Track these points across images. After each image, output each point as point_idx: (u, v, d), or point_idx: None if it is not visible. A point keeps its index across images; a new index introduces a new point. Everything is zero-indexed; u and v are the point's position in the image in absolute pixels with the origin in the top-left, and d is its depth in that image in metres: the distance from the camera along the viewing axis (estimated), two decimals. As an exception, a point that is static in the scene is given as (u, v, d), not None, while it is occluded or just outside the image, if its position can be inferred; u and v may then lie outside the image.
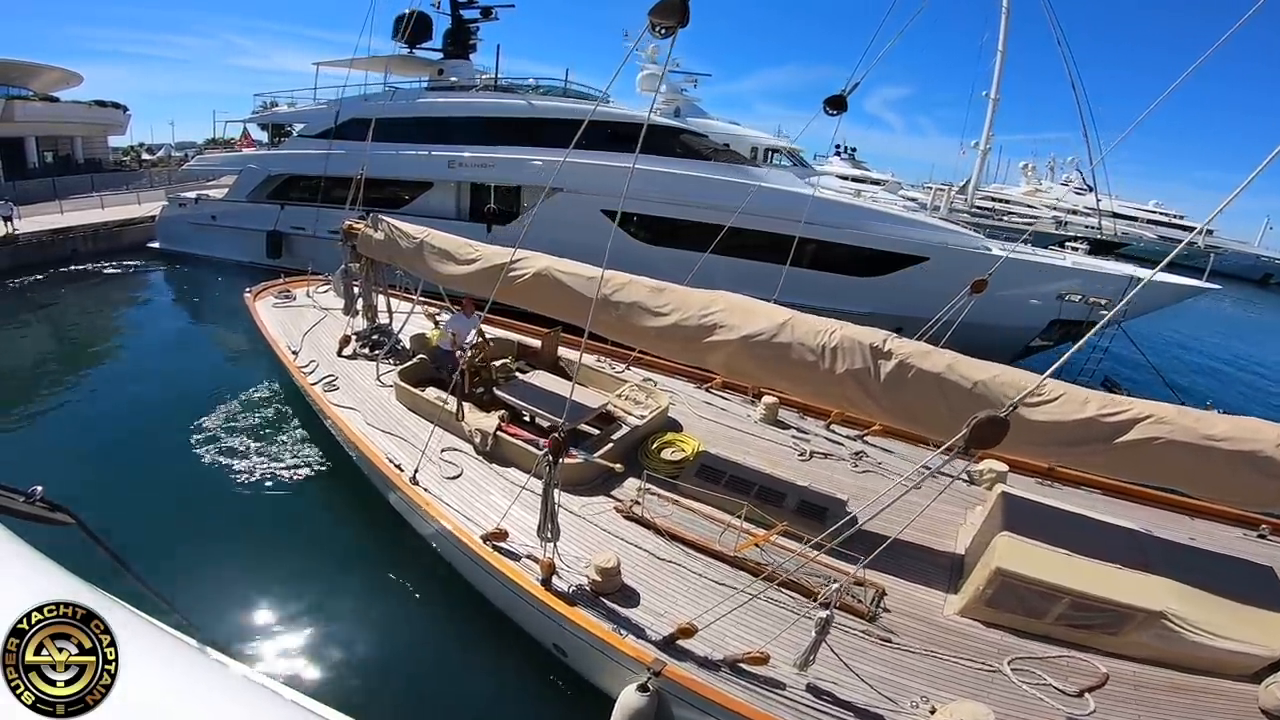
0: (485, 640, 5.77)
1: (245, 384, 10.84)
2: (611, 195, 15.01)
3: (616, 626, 4.42)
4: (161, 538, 6.68)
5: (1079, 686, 4.08)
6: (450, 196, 17.13)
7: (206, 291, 18.19)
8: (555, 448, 4.36)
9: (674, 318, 5.38)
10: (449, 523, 5.44)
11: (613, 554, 4.77)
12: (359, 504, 7.44)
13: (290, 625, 5.96)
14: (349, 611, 6.15)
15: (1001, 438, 3.42)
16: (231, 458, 8.49)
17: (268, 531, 7.31)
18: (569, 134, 6.26)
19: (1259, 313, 38.79)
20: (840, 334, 4.81)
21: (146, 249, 20.91)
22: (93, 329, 15.18)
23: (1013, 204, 42.89)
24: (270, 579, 6.49)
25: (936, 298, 7.99)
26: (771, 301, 5.54)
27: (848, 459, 6.88)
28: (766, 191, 14.39)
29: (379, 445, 6.57)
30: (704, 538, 5.33)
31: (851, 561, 4.42)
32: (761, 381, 6.17)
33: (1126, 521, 5.27)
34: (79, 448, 8.98)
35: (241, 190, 19.19)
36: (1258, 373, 20.81)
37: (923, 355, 4.58)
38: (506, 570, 4.89)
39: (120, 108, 34.58)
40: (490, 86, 17.82)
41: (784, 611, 4.52)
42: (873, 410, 4.90)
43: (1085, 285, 13.68)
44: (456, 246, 7.03)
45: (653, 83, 18.77)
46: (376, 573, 6.61)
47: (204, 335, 15.75)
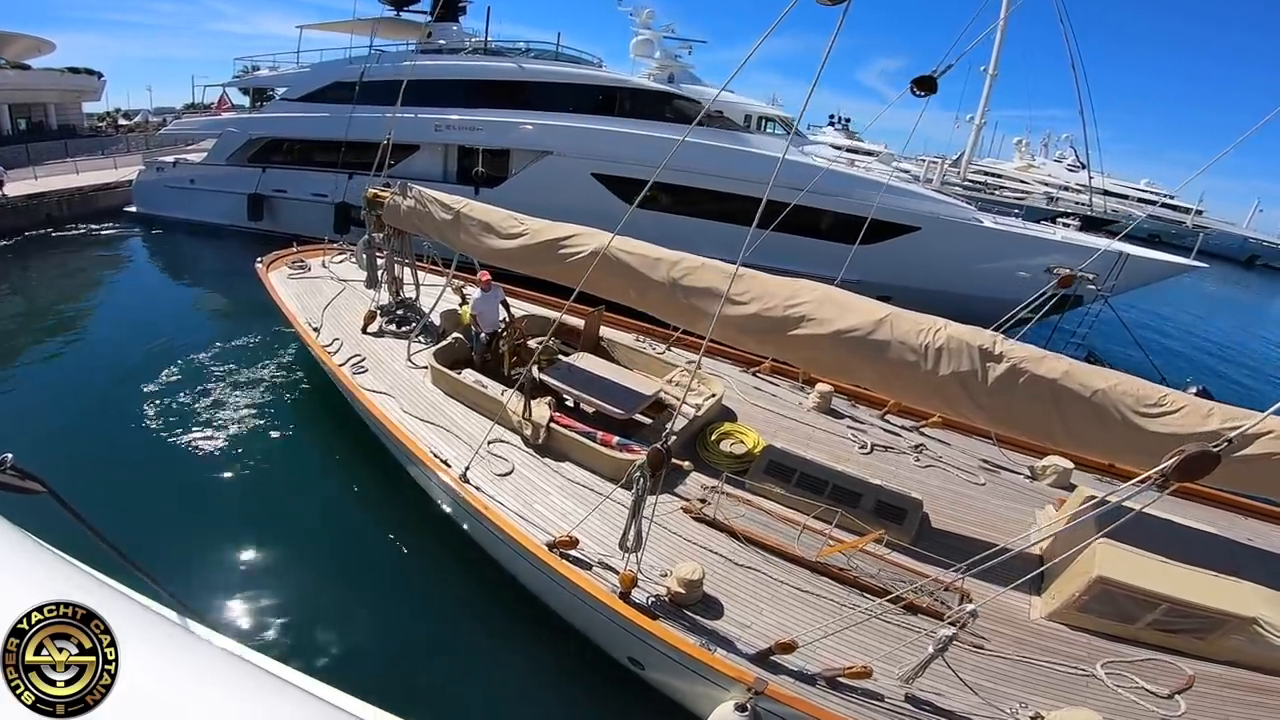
0: (546, 648, 5.45)
1: (235, 346, 10.73)
2: (601, 159, 14.95)
3: (705, 641, 4.17)
4: (146, 518, 6.44)
5: (1169, 688, 4.10)
6: (437, 159, 16.90)
7: (185, 254, 17.98)
8: (656, 461, 4.00)
9: (754, 307, 4.95)
10: (510, 529, 4.98)
11: (697, 565, 4.49)
12: (384, 486, 7.19)
13: (318, 629, 5.63)
14: (387, 611, 5.85)
15: (1210, 471, 3.19)
16: (223, 429, 8.33)
17: (273, 515, 7.01)
18: (559, 98, 6.01)
19: (1241, 293, 39.26)
20: (946, 333, 4.50)
21: (124, 213, 20.49)
22: (67, 293, 14.82)
23: (1005, 179, 42.85)
24: (289, 570, 6.20)
25: (927, 267, 7.95)
26: (756, 267, 5.30)
27: (908, 452, 6.65)
28: (756, 157, 14.32)
29: (421, 437, 6.06)
30: (782, 542, 5.07)
31: (925, 562, 4.42)
32: (849, 379, 5.80)
33: (1202, 524, 5.27)
34: (52, 415, 8.75)
35: (221, 153, 18.86)
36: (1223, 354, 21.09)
37: (1037, 360, 4.31)
38: (580, 582, 4.53)
39: (94, 74, 33.67)
40: (480, 50, 17.51)
41: (873, 619, 4.32)
42: (972, 414, 4.62)
43: (1074, 259, 13.75)
44: (500, 219, 6.49)
45: (646, 48, 18.40)
46: (418, 571, 6.35)
47: (184, 297, 15.49)
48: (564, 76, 15.94)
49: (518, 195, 13.50)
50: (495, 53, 17.36)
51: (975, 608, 3.83)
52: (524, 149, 15.77)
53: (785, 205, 9.43)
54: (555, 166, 15.40)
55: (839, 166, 15.62)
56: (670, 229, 14.28)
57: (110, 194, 21.34)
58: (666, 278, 5.12)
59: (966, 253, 13.89)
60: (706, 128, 15.07)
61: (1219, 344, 21.72)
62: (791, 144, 16.32)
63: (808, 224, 13.94)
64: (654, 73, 17.48)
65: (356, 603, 5.98)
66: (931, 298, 11.05)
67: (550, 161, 15.49)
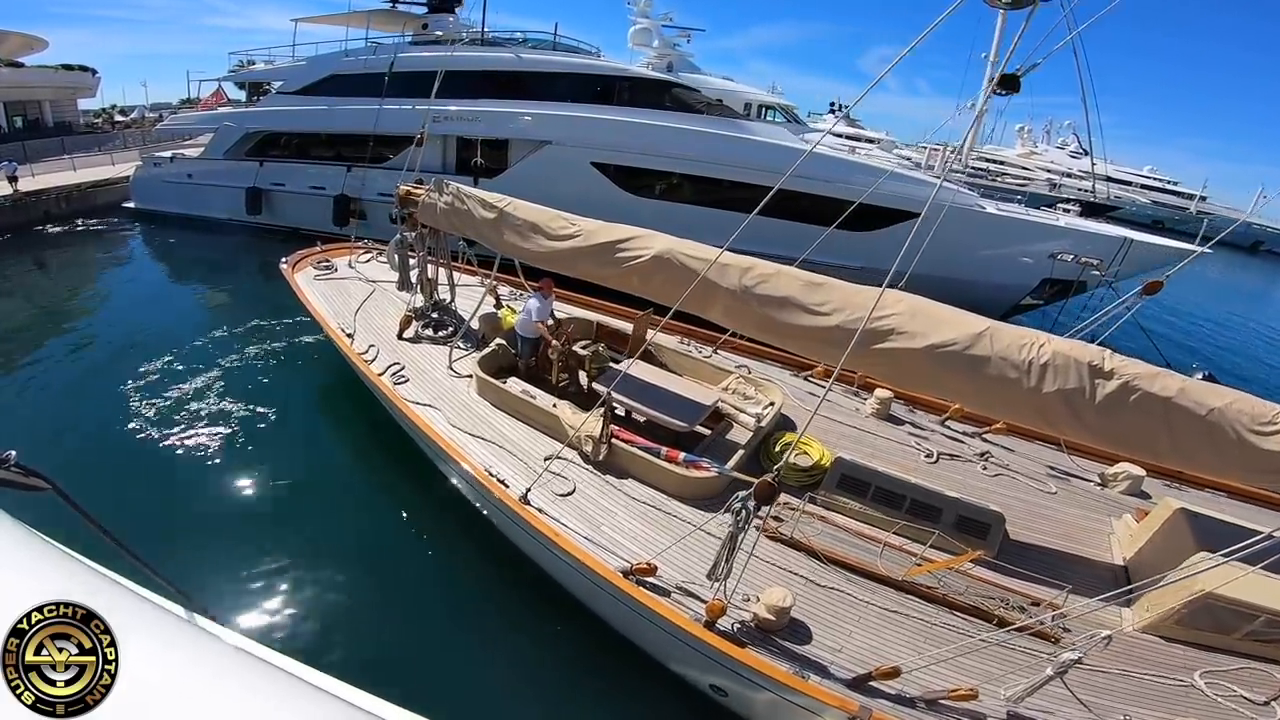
0: (621, 675, 5.25)
1: (236, 339, 10.71)
2: (601, 148, 14.91)
3: (798, 668, 4.05)
4: (153, 514, 6.42)
5: (1265, 695, 4.10)
6: (436, 151, 16.84)
7: (184, 248, 17.93)
8: (767, 494, 3.77)
9: (836, 319, 4.70)
10: (582, 556, 4.72)
11: (787, 591, 4.33)
12: (401, 478, 7.06)
13: (342, 629, 5.53)
14: (414, 613, 5.74)
15: None
16: (228, 422, 8.30)
17: (281, 510, 6.93)
18: (558, 88, 5.86)
19: (1246, 278, 39.11)
20: (1050, 348, 4.30)
21: (122, 209, 20.48)
22: (68, 290, 14.82)
23: (1008, 165, 42.59)
24: (302, 568, 6.06)
25: (929, 254, 7.84)
26: (758, 255, 5.20)
27: (974, 460, 6.46)
28: (756, 145, 14.24)
29: (473, 454, 5.78)
30: (865, 560, 4.92)
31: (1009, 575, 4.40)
32: (937, 393, 5.62)
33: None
34: (54, 412, 8.74)
35: (218, 148, 18.82)
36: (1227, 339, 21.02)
37: (1150, 378, 4.15)
38: (663, 611, 4.35)
39: (89, 70, 33.52)
40: (477, 41, 17.40)
41: (959, 634, 4.26)
42: (1074, 431, 4.48)
43: (1078, 245, 13.68)
44: (548, 219, 6.13)
45: (644, 37, 18.26)
46: (444, 570, 6.25)
47: (185, 292, 15.47)
48: (562, 66, 15.87)
49: (517, 186, 13.43)
50: (492, 43, 17.25)
51: (1110, 634, 3.74)
52: (523, 139, 15.71)
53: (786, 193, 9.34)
54: (555, 156, 15.34)
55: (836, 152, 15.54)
56: (670, 216, 14.34)
57: (109, 190, 21.32)
58: (737, 285, 4.87)
59: (969, 239, 13.82)
60: (707, 116, 15.08)
61: (1224, 329, 21.66)
62: (791, 131, 16.30)
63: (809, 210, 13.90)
64: (652, 61, 17.36)
65: (380, 603, 5.88)
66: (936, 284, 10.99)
67: (549, 151, 15.43)
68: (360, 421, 8.28)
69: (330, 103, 17.28)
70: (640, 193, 15.00)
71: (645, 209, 14.06)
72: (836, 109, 48.09)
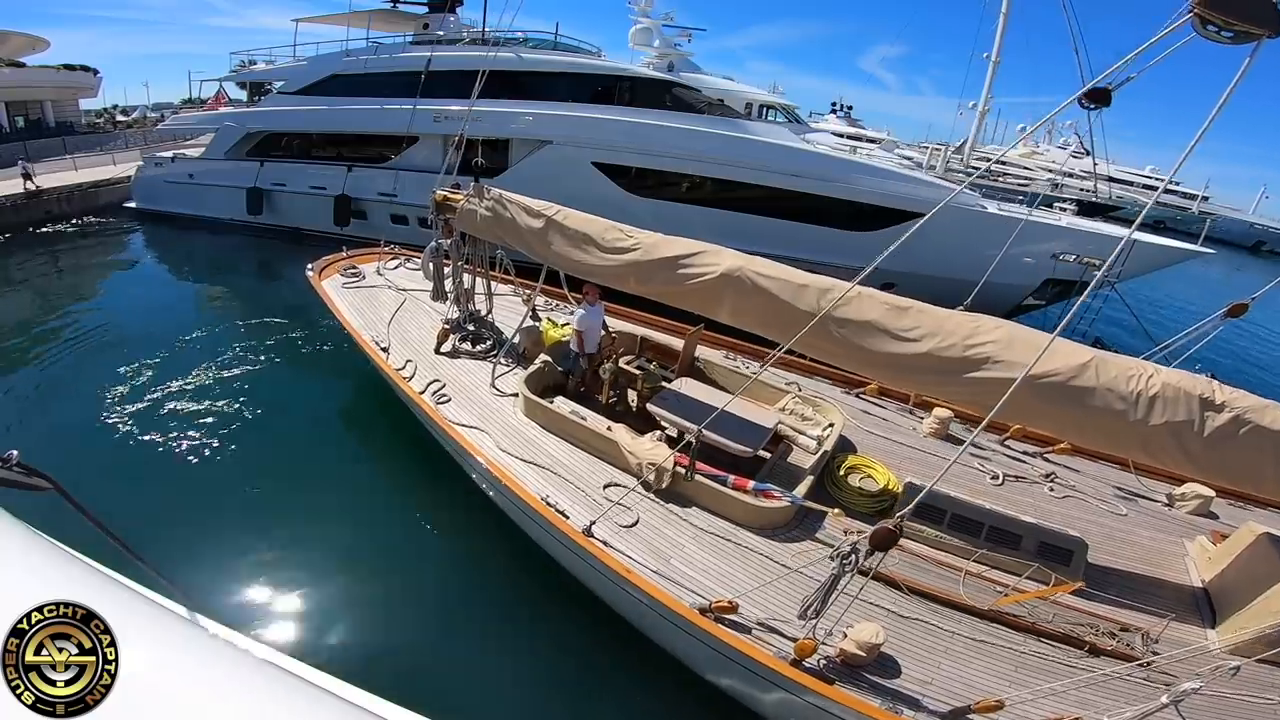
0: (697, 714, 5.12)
1: (237, 338, 10.69)
2: (601, 148, 14.93)
3: (891, 703, 3.94)
4: (156, 514, 6.39)
5: None
6: (437, 150, 16.83)
7: (185, 248, 17.93)
8: (885, 541, 3.57)
9: (926, 345, 4.46)
10: (656, 593, 4.50)
11: (878, 627, 4.19)
12: (413, 477, 6.96)
13: (353, 632, 5.44)
14: (427, 618, 5.68)
15: None
16: (231, 421, 8.31)
17: (287, 509, 6.87)
18: (559, 87, 5.76)
19: (1248, 278, 39.03)
20: (1160, 380, 4.17)
21: (124, 209, 20.51)
22: (69, 289, 14.83)
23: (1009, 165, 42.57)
24: (311, 568, 5.98)
25: (931, 254, 7.79)
26: (759, 254, 5.10)
27: (1040, 481, 6.28)
28: (757, 144, 14.25)
29: (528, 482, 5.48)
30: (949, 590, 4.80)
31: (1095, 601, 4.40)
32: (1029, 423, 5.43)
33: None
34: (55, 412, 8.74)
35: (219, 148, 18.84)
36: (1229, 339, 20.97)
37: (1260, 410, 4.03)
38: (745, 649, 4.19)
39: (90, 70, 33.56)
40: (478, 40, 17.40)
41: (1049, 663, 4.20)
42: (1178, 463, 4.33)
43: (1081, 245, 13.66)
44: (602, 230, 5.74)
45: (645, 37, 18.23)
46: (463, 571, 6.18)
47: (186, 291, 15.42)
48: (563, 66, 15.88)
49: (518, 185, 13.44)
50: (493, 43, 17.25)
51: (1239, 665, 3.66)
52: (524, 139, 15.72)
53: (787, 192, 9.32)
54: (555, 156, 15.36)
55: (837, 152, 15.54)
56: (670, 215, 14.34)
57: (110, 190, 21.34)
58: (815, 306, 4.61)
59: (971, 239, 13.81)
60: (708, 116, 15.10)
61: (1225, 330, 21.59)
62: (793, 130, 16.29)
63: (811, 210, 13.93)
64: (653, 61, 17.32)
65: (380, 602, 5.84)
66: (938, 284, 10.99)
67: (550, 150, 15.45)
68: (365, 419, 8.32)
69: (331, 103, 17.30)
70: (641, 192, 15.03)
71: (646, 208, 14.10)
72: (838, 109, 48.19)
